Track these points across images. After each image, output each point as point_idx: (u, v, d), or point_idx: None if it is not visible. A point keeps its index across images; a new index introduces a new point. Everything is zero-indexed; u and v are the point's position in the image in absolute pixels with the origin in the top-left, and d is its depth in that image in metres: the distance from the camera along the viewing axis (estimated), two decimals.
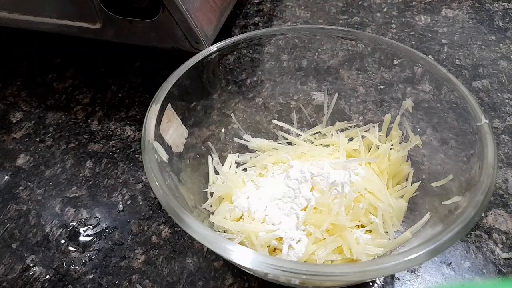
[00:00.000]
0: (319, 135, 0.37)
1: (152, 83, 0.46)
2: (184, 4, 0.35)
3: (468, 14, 0.54)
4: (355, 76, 0.36)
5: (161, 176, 0.25)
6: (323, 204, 0.29)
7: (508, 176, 0.35)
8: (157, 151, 0.26)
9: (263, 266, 0.20)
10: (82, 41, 0.45)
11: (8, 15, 0.41)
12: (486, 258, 0.30)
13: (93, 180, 0.37)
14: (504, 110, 0.41)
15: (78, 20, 0.40)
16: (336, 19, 0.55)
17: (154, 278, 0.30)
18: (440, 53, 0.48)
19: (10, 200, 0.35)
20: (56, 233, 0.33)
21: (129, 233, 0.33)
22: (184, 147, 0.31)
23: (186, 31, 0.37)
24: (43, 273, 0.30)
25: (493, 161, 0.24)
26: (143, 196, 0.35)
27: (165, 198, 0.23)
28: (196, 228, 0.22)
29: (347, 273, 0.20)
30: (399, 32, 0.52)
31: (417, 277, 0.29)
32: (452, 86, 0.29)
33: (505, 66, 0.46)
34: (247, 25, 0.54)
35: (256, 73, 0.37)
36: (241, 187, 0.32)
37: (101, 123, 0.42)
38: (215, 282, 0.29)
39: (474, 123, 0.27)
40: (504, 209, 0.33)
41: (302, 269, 0.20)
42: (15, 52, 0.52)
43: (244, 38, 0.34)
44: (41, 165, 0.38)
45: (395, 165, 0.32)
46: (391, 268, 0.20)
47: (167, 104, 0.29)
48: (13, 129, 0.42)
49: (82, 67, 0.49)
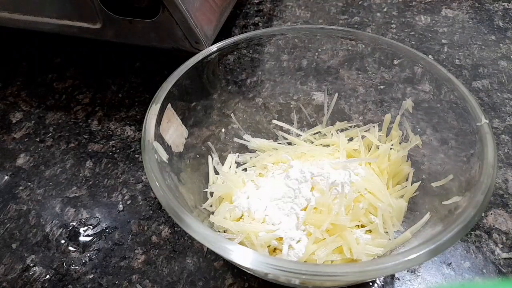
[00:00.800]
0: (319, 135, 0.37)
1: (152, 83, 0.46)
2: (184, 4, 0.35)
3: (468, 14, 0.54)
4: (355, 76, 0.36)
5: (161, 176, 0.25)
6: (323, 204, 0.29)
7: (508, 176, 0.35)
8: (157, 151, 0.26)
9: (263, 266, 0.20)
10: (82, 41, 0.45)
11: (8, 15, 0.41)
12: (486, 258, 0.30)
13: (93, 180, 0.37)
14: (504, 110, 0.41)
15: (78, 20, 0.40)
16: (336, 19, 0.55)
17: (154, 278, 0.30)
18: (440, 53, 0.48)
19: (10, 200, 0.35)
20: (56, 233, 0.33)
21: (129, 233, 0.33)
22: (184, 147, 0.31)
23: (186, 31, 0.37)
24: (43, 273, 0.30)
25: (493, 161, 0.24)
26: (143, 196, 0.35)
27: (165, 198, 0.23)
28: (196, 228, 0.22)
29: (347, 273, 0.20)
30: (399, 32, 0.52)
31: (417, 277, 0.29)
32: (452, 86, 0.29)
33: (505, 66, 0.46)
34: (247, 25, 0.54)
35: (256, 73, 0.37)
36: (241, 187, 0.32)
37: (101, 123, 0.42)
38: (215, 282, 0.29)
39: (474, 123, 0.27)
40: (504, 209, 0.33)
41: (302, 269, 0.20)
42: (15, 52, 0.52)
43: (244, 38, 0.34)
44: (41, 165, 0.38)
45: (395, 165, 0.32)
46: (391, 268, 0.20)
47: (167, 104, 0.29)
48: (13, 129, 0.42)
49: (82, 67, 0.49)
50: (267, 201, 0.30)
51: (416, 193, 0.31)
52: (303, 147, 0.36)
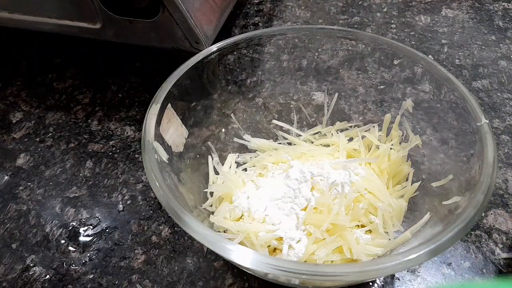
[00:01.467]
0: (319, 135, 0.37)
1: (152, 83, 0.46)
2: (184, 4, 0.35)
3: (468, 14, 0.54)
4: (355, 76, 0.36)
5: (161, 176, 0.25)
6: (323, 204, 0.29)
7: (508, 176, 0.35)
8: (157, 151, 0.26)
9: (263, 266, 0.20)
10: (82, 41, 0.45)
11: (8, 15, 0.41)
12: (486, 258, 0.30)
13: (93, 180, 0.37)
14: (504, 110, 0.41)
15: (78, 20, 0.40)
16: (336, 19, 0.55)
17: (154, 278, 0.30)
18: (440, 53, 0.48)
19: (10, 200, 0.35)
20: (56, 233, 0.33)
21: (129, 233, 0.33)
22: (184, 147, 0.31)
23: (186, 31, 0.37)
24: (43, 273, 0.30)
25: (493, 161, 0.24)
26: (143, 196, 0.35)
27: (165, 198, 0.23)
28: (196, 228, 0.22)
29: (347, 273, 0.20)
30: (399, 32, 0.52)
31: (417, 277, 0.29)
32: (452, 86, 0.29)
33: (505, 66, 0.46)
34: (247, 25, 0.54)
35: (256, 73, 0.37)
36: (241, 187, 0.32)
37: (101, 123, 0.42)
38: (215, 282, 0.29)
39: (474, 123, 0.27)
40: (504, 209, 0.33)
41: (302, 269, 0.20)
42: (15, 52, 0.52)
43: (244, 38, 0.34)
44: (41, 165, 0.38)
45: (395, 165, 0.32)
46: (391, 268, 0.20)
47: (167, 104, 0.29)
48: (13, 129, 0.42)
49: (82, 67, 0.49)
50: (267, 201, 0.30)
51: (416, 193, 0.31)
52: (303, 147, 0.36)
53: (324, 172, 0.31)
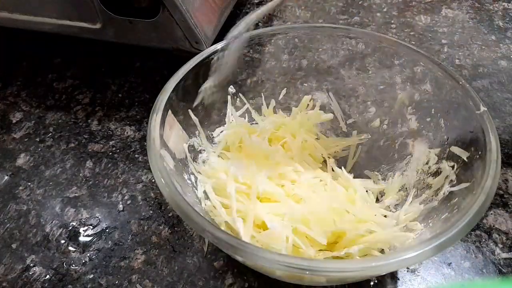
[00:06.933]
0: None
1: (152, 83, 0.46)
2: (184, 4, 0.35)
3: (468, 14, 0.54)
4: (356, 76, 0.36)
5: (174, 187, 0.24)
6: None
7: (508, 176, 0.35)
8: (164, 160, 0.26)
9: (276, 265, 0.20)
10: (82, 41, 0.45)
11: (8, 15, 0.41)
12: (486, 258, 0.30)
13: (93, 180, 0.37)
14: (504, 110, 0.41)
15: (78, 20, 0.40)
16: (336, 19, 0.55)
17: (154, 278, 0.30)
18: (440, 53, 0.48)
19: (10, 200, 0.35)
20: (56, 233, 0.33)
21: (129, 233, 0.33)
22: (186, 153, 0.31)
23: (186, 31, 0.37)
24: (43, 273, 0.30)
25: (494, 161, 0.24)
26: (143, 196, 0.35)
27: (186, 208, 0.23)
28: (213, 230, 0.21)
29: (349, 269, 0.20)
30: (399, 32, 0.52)
31: (417, 277, 0.29)
32: (453, 85, 0.29)
33: (505, 66, 0.46)
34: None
35: (256, 73, 0.37)
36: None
37: (101, 123, 0.42)
38: (215, 282, 0.29)
39: (475, 122, 0.27)
40: (504, 209, 0.33)
41: (303, 264, 0.20)
42: (15, 52, 0.52)
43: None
44: (41, 165, 0.38)
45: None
46: (396, 264, 0.20)
47: (168, 110, 0.29)
48: (13, 129, 0.42)
49: (82, 67, 0.49)
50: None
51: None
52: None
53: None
